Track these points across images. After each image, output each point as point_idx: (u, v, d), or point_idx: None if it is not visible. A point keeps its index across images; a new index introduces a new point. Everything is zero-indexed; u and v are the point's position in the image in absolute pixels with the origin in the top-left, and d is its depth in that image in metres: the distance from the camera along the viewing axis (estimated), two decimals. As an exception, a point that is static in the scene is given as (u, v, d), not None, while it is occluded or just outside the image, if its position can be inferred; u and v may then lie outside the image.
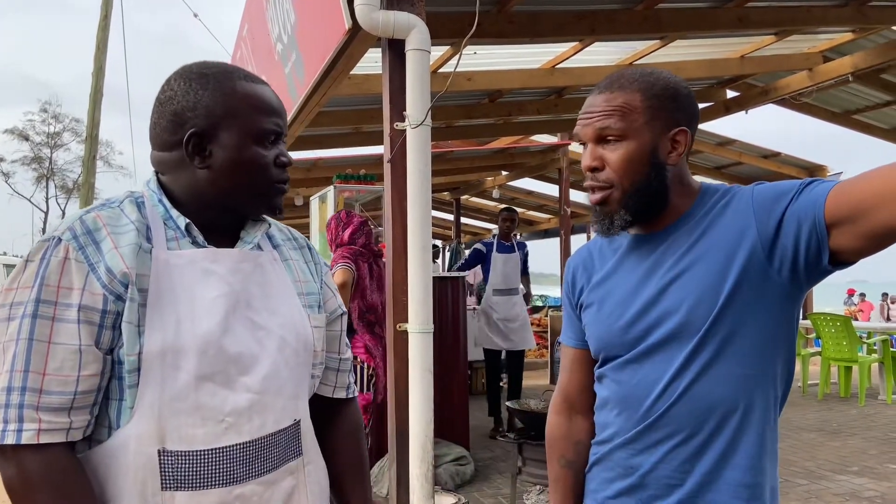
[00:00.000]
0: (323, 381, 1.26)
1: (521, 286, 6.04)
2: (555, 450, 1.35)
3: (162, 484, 0.97)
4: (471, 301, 7.27)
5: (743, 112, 6.45)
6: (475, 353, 6.50)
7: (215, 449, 1.00)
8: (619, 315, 1.19)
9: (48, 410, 0.93)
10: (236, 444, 1.01)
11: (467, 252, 11.55)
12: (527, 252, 6.16)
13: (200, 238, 1.06)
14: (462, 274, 5.24)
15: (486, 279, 6.04)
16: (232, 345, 1.02)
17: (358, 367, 3.53)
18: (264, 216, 1.16)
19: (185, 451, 0.98)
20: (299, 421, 1.12)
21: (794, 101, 6.40)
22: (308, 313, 1.16)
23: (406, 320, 2.73)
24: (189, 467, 0.98)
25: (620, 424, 1.19)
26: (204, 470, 0.99)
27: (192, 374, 0.98)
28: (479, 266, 6.25)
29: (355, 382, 3.57)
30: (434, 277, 2.84)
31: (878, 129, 7.48)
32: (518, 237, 7.47)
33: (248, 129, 1.06)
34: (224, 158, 1.05)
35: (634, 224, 1.18)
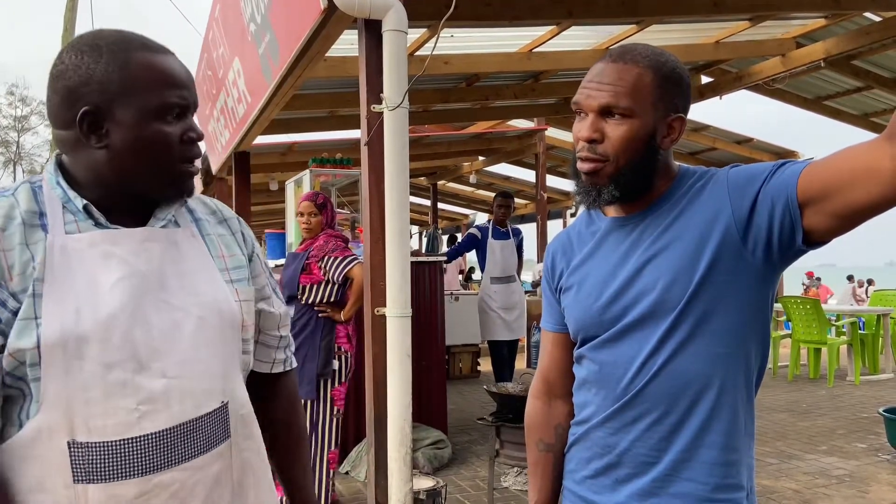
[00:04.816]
0: (260, 358, 1.23)
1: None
2: (534, 434, 1.36)
3: (74, 477, 0.92)
4: (448, 284, 7.24)
5: (717, 97, 6.50)
6: (453, 338, 6.49)
7: (128, 439, 0.94)
8: (597, 296, 1.19)
9: None
10: (151, 434, 0.96)
11: (445, 238, 11.49)
12: (521, 238, 6.12)
13: (103, 219, 0.99)
14: (440, 259, 5.21)
15: (481, 266, 5.99)
16: (141, 329, 0.97)
17: (342, 357, 3.53)
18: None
19: (95, 443, 0.93)
20: (227, 402, 1.06)
21: (767, 87, 6.46)
22: (236, 287, 1.11)
23: (384, 304, 2.71)
24: (101, 459, 0.93)
25: (598, 403, 1.20)
26: (117, 461, 0.94)
27: (97, 363, 0.93)
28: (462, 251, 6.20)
29: (339, 372, 3.54)
30: (412, 262, 2.83)
31: (848, 114, 7.59)
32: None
33: (147, 105, 0.98)
34: (122, 137, 0.97)
35: (618, 201, 1.17)
